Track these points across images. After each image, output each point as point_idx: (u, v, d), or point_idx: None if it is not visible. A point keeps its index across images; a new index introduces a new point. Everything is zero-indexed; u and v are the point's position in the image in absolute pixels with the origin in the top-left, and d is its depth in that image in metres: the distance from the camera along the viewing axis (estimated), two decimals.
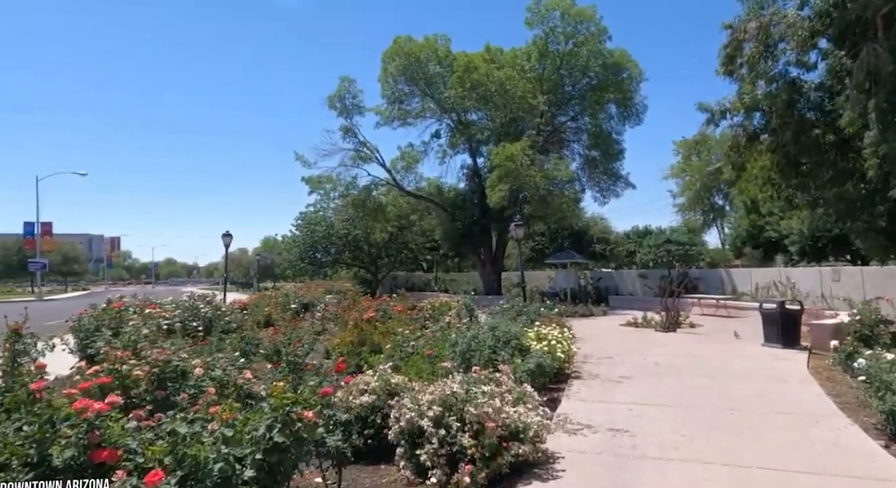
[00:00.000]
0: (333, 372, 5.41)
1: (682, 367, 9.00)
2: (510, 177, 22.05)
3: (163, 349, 4.52)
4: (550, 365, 7.16)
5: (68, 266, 76.52)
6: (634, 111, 25.90)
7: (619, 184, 26.70)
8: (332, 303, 17.64)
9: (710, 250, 47.14)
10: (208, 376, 4.21)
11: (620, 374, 8.46)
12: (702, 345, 11.48)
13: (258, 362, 7.81)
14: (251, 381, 4.32)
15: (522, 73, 25.09)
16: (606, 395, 7.10)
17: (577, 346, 11.05)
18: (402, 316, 12.97)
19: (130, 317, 8.89)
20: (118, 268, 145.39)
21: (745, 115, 14.78)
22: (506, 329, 7.91)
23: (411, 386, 5.01)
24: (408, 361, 7.57)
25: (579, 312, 18.92)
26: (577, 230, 37.93)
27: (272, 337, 8.43)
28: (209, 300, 13.88)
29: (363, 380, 5.00)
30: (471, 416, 4.14)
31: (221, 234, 19.78)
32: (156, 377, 4.06)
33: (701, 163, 36.07)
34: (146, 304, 10.40)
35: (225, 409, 2.81)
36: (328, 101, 25.86)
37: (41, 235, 39.79)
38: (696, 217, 42.18)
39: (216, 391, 3.85)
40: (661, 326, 14.33)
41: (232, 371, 4.48)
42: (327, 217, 33.75)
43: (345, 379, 5.21)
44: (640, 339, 12.74)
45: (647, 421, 5.79)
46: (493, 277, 27.68)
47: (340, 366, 5.54)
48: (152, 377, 4.05)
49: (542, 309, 13.54)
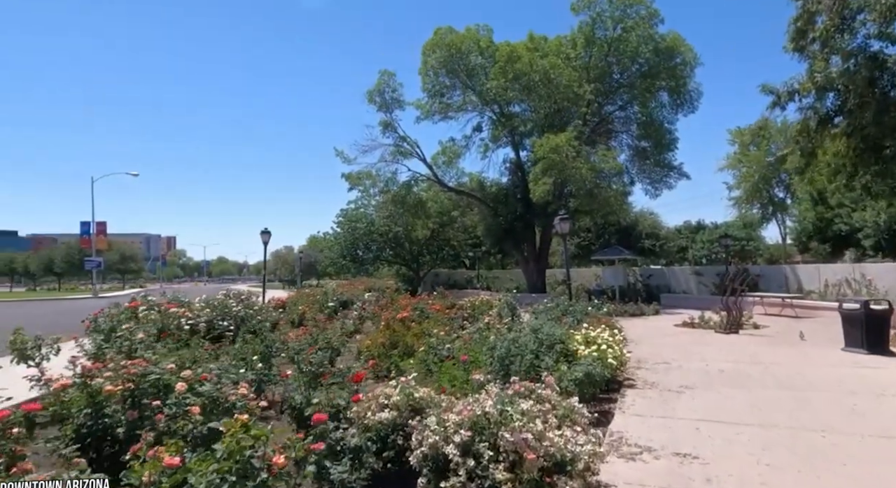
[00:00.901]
0: (352, 381, 4.76)
1: (752, 376, 7.96)
2: (555, 169, 21.06)
3: (142, 359, 3.93)
4: (601, 373, 6.31)
5: (125, 264, 79.58)
6: (688, 98, 24.39)
7: (671, 175, 25.23)
8: (370, 301, 17.18)
9: (768, 246, 44.64)
10: (194, 392, 3.58)
11: (680, 383, 7.52)
12: (770, 350, 10.32)
13: (283, 365, 7.31)
14: (248, 398, 3.69)
15: (567, 61, 23.99)
16: (666, 409, 6.21)
17: (629, 349, 10.13)
18: (439, 315, 12.34)
19: (149, 316, 8.49)
20: (173, 267, 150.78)
21: (817, 96, 13.42)
22: (550, 331, 7.10)
23: (439, 401, 4.30)
24: (441, 367, 6.89)
25: (629, 311, 17.83)
26: (626, 225, 36.36)
27: (299, 337, 7.90)
28: (244, 298, 13.57)
29: (384, 393, 4.32)
30: (506, 444, 3.39)
31: (260, 231, 19.60)
32: (129, 394, 3.47)
33: (760, 153, 34.03)
34: (168, 304, 10.03)
35: (171, 449, 2.16)
36: (367, 95, 25.48)
37: (96, 234, 41.16)
38: (754, 211, 39.96)
39: (202, 410, 3.24)
40: (721, 327, 13.15)
41: (227, 383, 3.85)
42: (368, 214, 33.49)
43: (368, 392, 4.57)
44: (699, 342, 11.64)
45: (718, 444, 4.89)
46: (536, 274, 26.70)
47: (359, 376, 4.88)
48: (126, 393, 3.46)
49: (589, 308, 12.64)
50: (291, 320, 13.21)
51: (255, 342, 6.80)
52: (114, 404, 3.38)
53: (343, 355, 9.93)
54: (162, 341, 6.59)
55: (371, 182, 26.33)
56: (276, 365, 6.72)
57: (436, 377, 6.42)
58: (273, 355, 6.44)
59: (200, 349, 5.99)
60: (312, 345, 7.77)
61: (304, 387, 4.44)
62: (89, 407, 3.18)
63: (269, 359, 6.32)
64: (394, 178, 26.56)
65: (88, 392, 3.33)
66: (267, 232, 20.01)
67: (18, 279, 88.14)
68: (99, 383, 3.40)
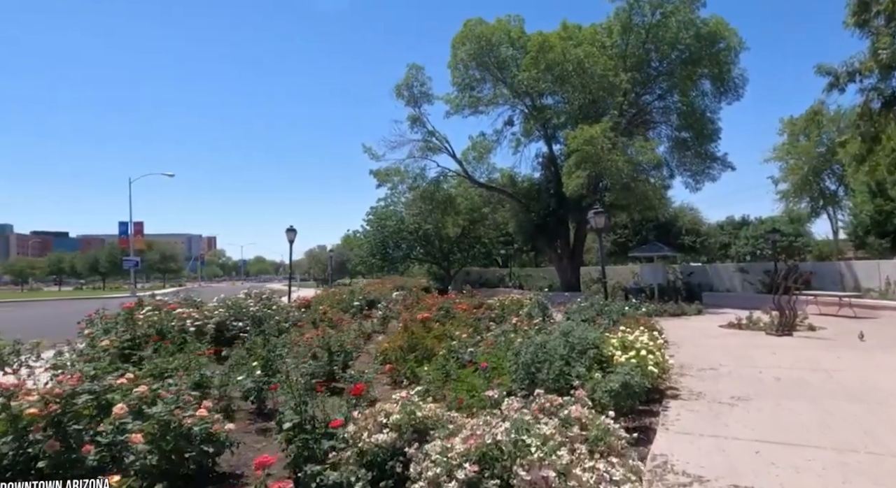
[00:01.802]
0: (352, 394, 4.14)
1: (814, 385, 7.03)
2: (589, 162, 20.09)
3: (76, 374, 3.36)
4: (640, 382, 5.52)
5: (166, 264, 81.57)
6: (732, 85, 23.01)
7: (714, 167, 23.85)
8: (397, 300, 16.66)
9: (817, 242, 42.34)
10: (143, 414, 2.96)
11: (732, 393, 6.65)
12: (831, 354, 9.29)
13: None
14: (209, 420, 3.09)
15: (603, 49, 22.93)
16: (718, 426, 5.39)
17: (671, 353, 9.28)
18: (465, 315, 11.68)
19: (151, 318, 8.04)
20: (212, 266, 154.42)
21: (881, 76, 12.21)
22: (582, 334, 6.35)
23: (448, 420, 3.64)
24: (460, 374, 6.22)
25: (669, 311, 16.80)
26: (664, 221, 34.92)
27: (309, 340, 7.35)
28: (265, 297, 13.18)
29: (384, 410, 3.68)
30: (520, 483, 2.71)
31: (286, 229, 19.28)
32: (53, 419, 2.89)
33: (810, 143, 32.07)
34: (171, 305, 9.59)
35: None
36: (395, 89, 24.96)
37: (134, 235, 41.97)
38: (803, 205, 37.86)
39: (149, 438, 2.65)
40: (772, 329, 12.09)
41: (185, 401, 3.24)
42: (398, 212, 33.02)
43: (382, 401, 3.95)
44: (748, 345, 10.64)
45: (785, 474, 4.08)
46: (570, 272, 25.73)
47: (359, 388, 4.25)
48: (51, 418, 2.88)
49: (626, 308, 11.78)
50: (312, 320, 12.73)
51: (259, 346, 6.27)
52: (36, 432, 2.82)
53: (360, 358, 9.41)
54: (154, 345, 6.12)
55: (399, 178, 25.78)
56: (284, 370, 6.19)
57: (452, 386, 5.75)
58: (274, 360, 5.87)
59: (193, 355, 5.46)
60: (305, 357, 7.20)
61: (295, 401, 3.85)
62: (11, 435, 2.64)
63: (271, 366, 5.75)
64: (422, 174, 26.04)
65: (8, 415, 2.78)
66: (292, 230, 19.67)
67: (66, 279, 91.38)
68: (21, 405, 2.83)
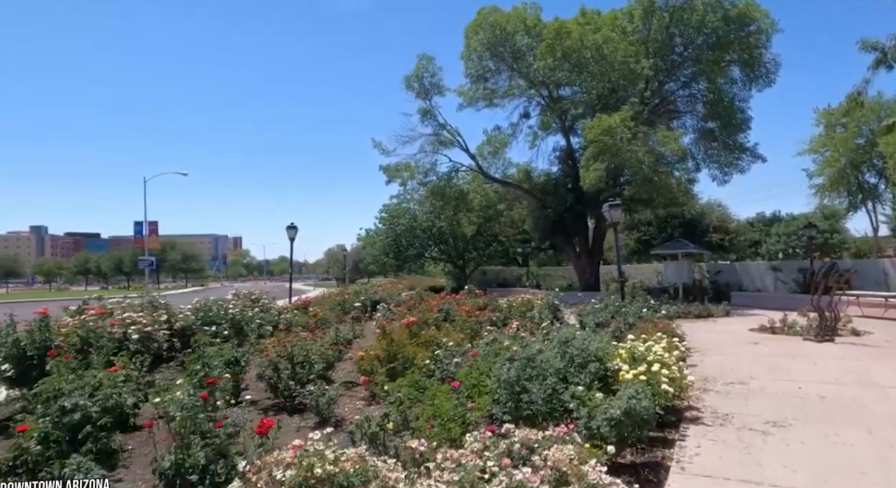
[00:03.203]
0: (258, 432, 3.16)
1: (867, 406, 5.83)
2: (608, 153, 18.85)
3: None
4: (649, 407, 4.38)
5: (187, 264, 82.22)
6: (763, 71, 21.48)
7: (743, 158, 22.30)
8: (403, 300, 15.74)
9: (854, 238, 40.11)
10: None
11: (766, 417, 5.50)
12: (883, 364, 8.03)
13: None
14: None
15: (623, 35, 21.64)
16: (749, 465, 4.27)
17: (693, 362, 8.14)
18: (466, 318, 10.66)
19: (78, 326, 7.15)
20: (237, 266, 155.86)
21: None
22: (582, 344, 5.26)
23: (366, 478, 2.62)
24: (432, 392, 5.21)
25: (694, 312, 15.51)
26: (690, 218, 33.22)
27: (265, 352, 6.42)
28: (255, 298, 12.36)
29: (277, 460, 2.67)
30: None
31: (286, 227, 18.51)
32: None
33: (847, 133, 30.05)
34: (97, 309, 8.73)
35: None
36: (405, 81, 23.96)
37: (148, 234, 41.91)
38: (839, 200, 35.70)
39: None
40: (810, 333, 10.80)
41: None
42: (410, 209, 32.07)
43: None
44: (784, 353, 9.37)
45: None
46: (589, 271, 24.47)
47: (265, 424, 3.25)
48: None
49: (644, 309, 10.62)
50: (303, 324, 11.85)
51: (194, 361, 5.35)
52: None
53: (345, 366, 8.48)
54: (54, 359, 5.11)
55: (409, 174, 24.74)
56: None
57: (421, 412, 4.74)
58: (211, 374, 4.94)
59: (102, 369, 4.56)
60: (286, 360, 6.27)
61: (177, 445, 2.90)
62: None
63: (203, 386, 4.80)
64: (433, 169, 25.00)
65: None
66: (293, 227, 18.89)
67: (93, 279, 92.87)
68: None
